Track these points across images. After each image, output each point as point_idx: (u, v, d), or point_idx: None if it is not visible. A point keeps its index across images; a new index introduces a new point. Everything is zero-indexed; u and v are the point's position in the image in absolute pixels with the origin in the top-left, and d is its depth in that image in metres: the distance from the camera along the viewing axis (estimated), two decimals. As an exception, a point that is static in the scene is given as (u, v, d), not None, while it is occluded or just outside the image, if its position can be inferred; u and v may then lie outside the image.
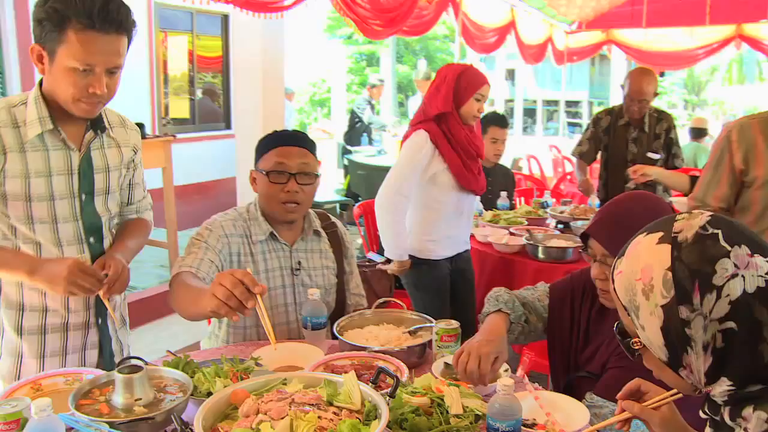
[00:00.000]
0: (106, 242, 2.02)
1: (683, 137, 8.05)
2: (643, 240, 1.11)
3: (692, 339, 1.04)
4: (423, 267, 3.28)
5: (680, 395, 1.37)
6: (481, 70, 3.30)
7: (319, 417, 1.32)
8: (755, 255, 1.02)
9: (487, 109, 4.82)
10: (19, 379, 1.88)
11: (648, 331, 1.08)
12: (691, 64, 10.97)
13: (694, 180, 3.62)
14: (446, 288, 3.33)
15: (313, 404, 1.37)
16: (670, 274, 1.04)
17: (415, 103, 8.83)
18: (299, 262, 2.32)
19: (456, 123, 3.17)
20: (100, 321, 2.01)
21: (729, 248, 1.02)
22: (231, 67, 7.95)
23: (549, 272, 3.33)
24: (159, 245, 4.95)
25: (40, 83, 1.85)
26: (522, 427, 1.53)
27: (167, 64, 7.56)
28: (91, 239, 1.96)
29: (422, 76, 8.49)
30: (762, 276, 1.01)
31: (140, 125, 2.58)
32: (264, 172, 2.24)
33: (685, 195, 3.75)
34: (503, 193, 4.39)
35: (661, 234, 1.08)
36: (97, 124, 1.94)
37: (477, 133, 3.36)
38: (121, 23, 1.75)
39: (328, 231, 2.45)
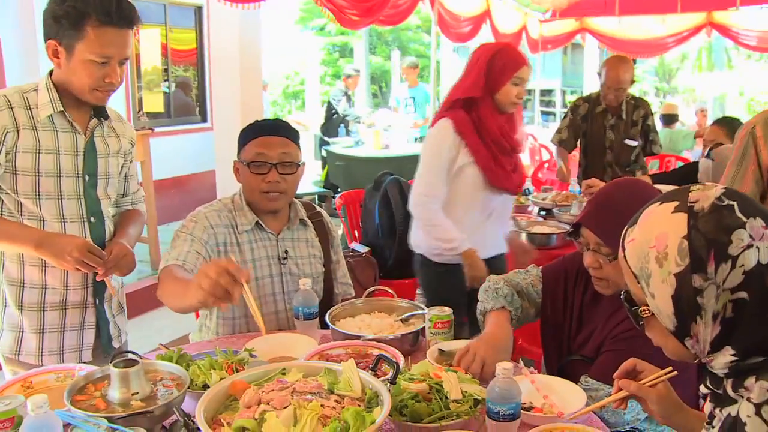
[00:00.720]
0: (107, 223, 2.12)
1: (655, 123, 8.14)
2: (657, 209, 1.11)
3: (703, 308, 1.04)
4: (439, 273, 2.93)
5: (675, 373, 1.40)
6: (520, 51, 2.93)
7: (321, 405, 1.31)
8: None
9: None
10: (20, 353, 2.03)
11: (658, 299, 1.09)
12: (662, 51, 11.06)
13: (656, 179, 3.64)
14: (464, 301, 2.77)
15: (314, 393, 1.36)
16: (686, 242, 1.04)
17: (401, 92, 8.78)
18: (286, 251, 2.31)
19: (489, 110, 2.79)
20: (97, 302, 2.10)
21: (745, 219, 1.03)
22: (206, 60, 7.86)
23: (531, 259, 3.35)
24: (138, 240, 4.90)
25: (50, 73, 2.00)
26: (520, 410, 1.55)
27: (140, 58, 7.45)
28: (92, 218, 2.07)
29: (408, 64, 8.47)
30: None
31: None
32: (245, 163, 2.22)
33: None
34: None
35: (676, 203, 1.08)
36: (101, 113, 2.08)
37: (516, 123, 2.95)
38: (132, 19, 1.94)
39: (313, 220, 2.44)
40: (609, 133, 4.53)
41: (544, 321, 2.10)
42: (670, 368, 1.39)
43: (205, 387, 1.57)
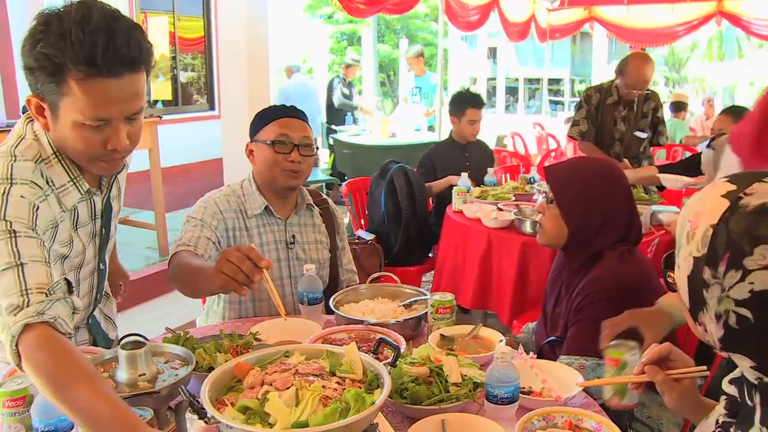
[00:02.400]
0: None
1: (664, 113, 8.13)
2: (718, 185, 1.03)
3: (707, 303, 1.01)
4: None
5: (707, 374, 1.34)
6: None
7: (323, 386, 1.34)
8: None
9: (476, 91, 4.85)
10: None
11: (680, 272, 1.06)
12: (672, 40, 10.99)
13: (663, 170, 3.64)
14: None
15: (316, 374, 1.39)
16: (711, 231, 0.98)
17: (406, 80, 8.76)
18: (293, 236, 2.35)
19: None
20: (90, 321, 1.92)
21: None
22: (214, 48, 7.88)
23: (537, 246, 3.36)
24: (147, 227, 4.95)
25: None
26: (519, 394, 1.58)
27: (148, 46, 7.47)
28: (101, 265, 1.85)
29: (413, 54, 8.44)
30: None
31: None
32: (268, 142, 2.25)
33: (658, 187, 3.75)
34: (490, 170, 4.42)
35: (733, 188, 1.00)
36: None
37: None
38: (134, 59, 1.43)
39: (320, 207, 2.47)
40: (620, 124, 4.53)
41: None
42: (705, 367, 1.32)
43: (210, 369, 1.60)
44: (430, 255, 4.54)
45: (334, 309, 2.11)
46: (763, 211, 0.94)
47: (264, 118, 2.30)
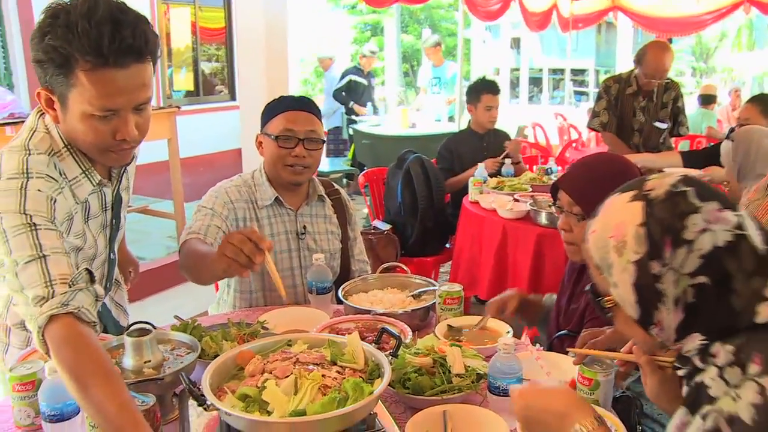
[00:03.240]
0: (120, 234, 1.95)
1: (691, 104, 8.01)
2: (616, 199, 1.13)
3: (663, 294, 1.05)
4: None
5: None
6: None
7: (323, 375, 1.35)
8: (724, 210, 1.04)
9: (492, 78, 4.82)
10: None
11: (620, 287, 1.10)
12: (698, 29, 10.77)
13: (685, 156, 3.59)
14: None
15: (317, 364, 1.40)
16: (642, 229, 1.05)
17: (425, 72, 8.70)
18: (304, 227, 2.36)
19: None
20: (100, 309, 1.92)
21: (699, 204, 1.04)
22: (235, 38, 7.91)
23: (552, 237, 3.35)
24: (166, 216, 4.99)
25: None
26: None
27: (170, 37, 7.52)
28: (112, 255, 1.88)
29: (430, 44, 8.39)
30: (730, 230, 1.03)
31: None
32: (273, 137, 2.25)
33: None
34: (507, 161, 4.39)
35: (634, 192, 1.10)
36: None
37: None
38: (140, 50, 1.44)
39: (332, 198, 2.47)
40: (639, 115, 4.48)
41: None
42: None
43: (217, 357, 1.62)
44: (447, 245, 4.52)
45: (342, 299, 2.11)
46: (673, 193, 1.06)
47: (272, 110, 2.30)
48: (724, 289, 1.03)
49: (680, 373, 1.17)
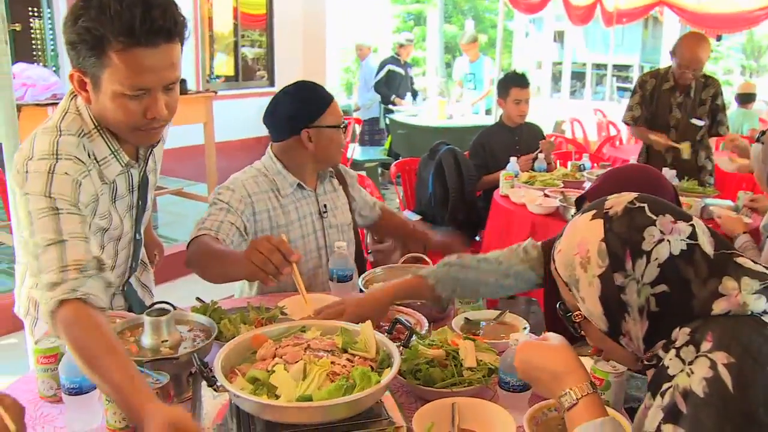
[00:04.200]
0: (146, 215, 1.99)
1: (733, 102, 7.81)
2: (579, 219, 1.19)
3: (628, 304, 1.11)
4: None
5: None
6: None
7: (332, 363, 1.36)
8: (678, 221, 1.11)
9: (534, 72, 4.76)
10: None
11: (588, 302, 1.15)
12: (751, 26, 10.44)
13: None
14: None
15: (327, 350, 1.41)
16: (603, 244, 1.12)
17: (460, 66, 8.65)
18: (325, 205, 2.41)
19: None
20: (126, 288, 1.99)
21: (654, 217, 1.11)
22: (275, 24, 7.96)
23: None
24: (200, 199, 5.08)
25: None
26: None
27: (212, 22, 7.60)
28: (138, 235, 1.92)
29: (467, 40, 8.32)
30: (684, 240, 1.09)
31: (182, 81, 2.61)
32: (339, 126, 2.34)
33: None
34: (540, 156, 4.36)
35: (594, 211, 1.17)
36: None
37: None
38: (170, 30, 1.49)
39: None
40: (675, 111, 4.39)
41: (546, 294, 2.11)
42: None
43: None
44: (477, 239, 4.51)
45: (362, 288, 2.13)
46: (630, 209, 1.13)
47: (325, 102, 2.32)
48: (683, 295, 1.08)
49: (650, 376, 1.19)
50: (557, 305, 1.27)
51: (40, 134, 1.60)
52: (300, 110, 2.30)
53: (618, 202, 1.15)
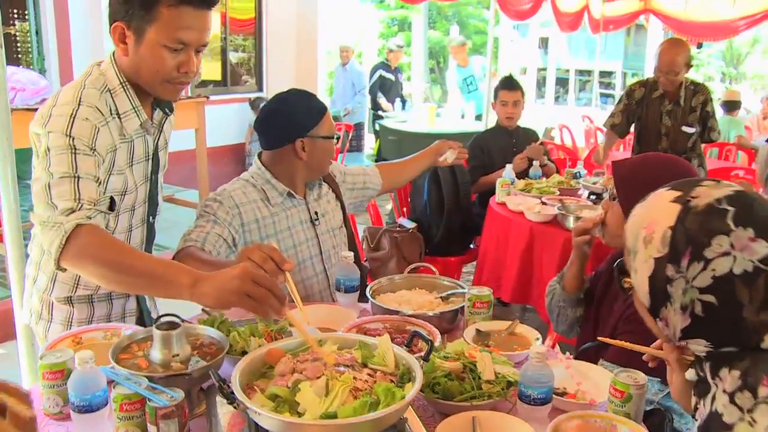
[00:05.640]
0: (158, 218, 2.03)
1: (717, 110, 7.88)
2: (663, 194, 1.15)
3: (671, 297, 1.09)
4: None
5: None
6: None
7: (354, 378, 1.33)
8: (759, 240, 1.04)
9: (519, 78, 4.78)
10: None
11: (638, 275, 1.15)
12: (731, 35, 10.58)
13: None
14: None
15: (348, 365, 1.38)
16: (670, 232, 1.08)
17: (452, 72, 8.66)
18: (316, 212, 2.38)
19: None
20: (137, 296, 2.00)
21: (733, 227, 1.04)
22: (264, 30, 7.91)
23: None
24: (191, 206, 5.01)
25: (113, 55, 1.76)
26: (553, 395, 1.54)
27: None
28: (151, 218, 1.97)
29: (456, 43, 8.34)
30: (753, 261, 1.03)
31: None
32: (332, 136, 2.32)
33: None
34: (535, 163, 4.35)
35: (679, 194, 1.12)
36: (165, 103, 1.90)
37: None
38: None
39: None
40: (665, 119, 4.42)
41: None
42: None
43: (244, 353, 1.61)
44: (471, 246, 4.49)
45: (370, 298, 2.09)
46: (712, 209, 1.07)
47: (320, 112, 2.29)
48: (731, 314, 1.05)
49: (688, 375, 1.21)
50: (617, 262, 1.28)
51: (66, 88, 1.73)
52: (295, 120, 2.27)
53: (706, 193, 1.10)
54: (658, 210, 1.13)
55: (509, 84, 4.50)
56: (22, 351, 2.55)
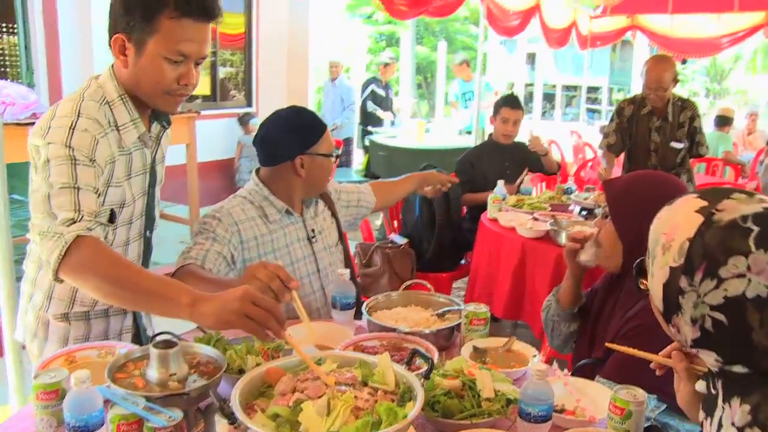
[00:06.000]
0: (155, 233, 2.02)
1: (707, 126, 7.98)
2: (689, 200, 1.11)
3: (683, 308, 1.07)
4: None
5: None
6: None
7: (355, 397, 1.32)
8: None
9: (505, 93, 4.82)
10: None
11: (654, 280, 1.13)
12: (715, 52, 10.76)
13: None
14: None
15: (349, 384, 1.37)
16: (688, 244, 1.06)
17: (456, 88, 8.78)
18: (313, 230, 2.37)
19: None
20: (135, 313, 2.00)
21: (754, 249, 1.00)
22: (253, 44, 7.91)
23: (572, 259, 3.32)
24: (181, 221, 4.99)
25: (111, 68, 1.77)
26: (552, 413, 1.54)
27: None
28: (148, 232, 1.97)
29: (458, 62, 8.51)
30: None
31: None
32: (331, 154, 2.33)
33: None
34: (526, 178, 4.38)
35: (704, 204, 1.08)
36: (163, 117, 1.91)
37: None
38: (214, 11, 1.70)
39: None
40: (654, 135, 4.46)
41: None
42: None
43: (241, 372, 1.60)
44: (463, 261, 4.50)
45: (367, 315, 2.08)
46: (735, 226, 1.02)
47: (320, 129, 2.29)
48: (740, 336, 1.02)
49: (698, 387, 1.21)
50: (638, 261, 1.27)
51: (64, 102, 1.73)
52: (295, 137, 2.26)
53: (733, 208, 1.04)
54: (681, 218, 1.09)
55: (513, 102, 4.59)
56: (10, 369, 2.52)
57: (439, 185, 2.80)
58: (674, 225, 1.09)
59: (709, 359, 1.10)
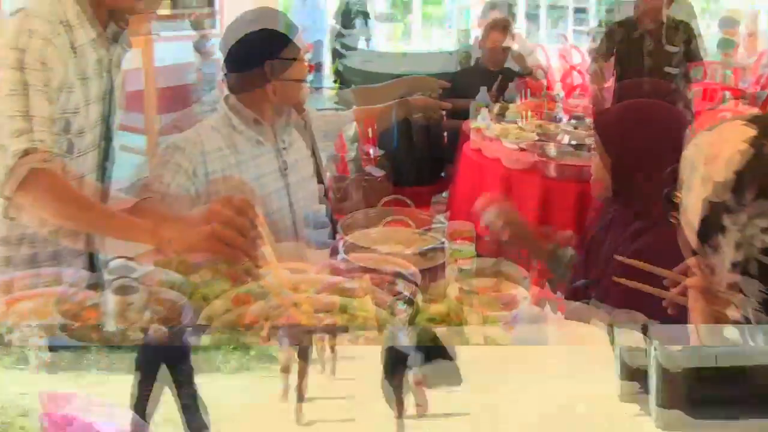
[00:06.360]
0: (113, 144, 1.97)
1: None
2: (735, 123, 1.06)
3: (727, 229, 1.01)
4: None
5: None
6: None
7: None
8: None
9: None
10: None
11: (692, 194, 1.06)
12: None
13: None
14: None
15: (326, 311, 1.40)
16: (738, 157, 0.99)
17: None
18: (285, 161, 2.29)
19: None
20: None
21: None
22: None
23: (561, 191, 3.31)
24: (137, 152, 4.90)
25: None
26: None
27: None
28: (103, 143, 1.89)
29: None
30: None
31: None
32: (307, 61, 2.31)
33: None
34: (511, 85, 4.38)
35: (753, 133, 1.01)
36: (120, 17, 1.82)
37: None
38: None
39: None
40: (647, 59, 4.43)
41: None
42: None
43: (205, 299, 1.53)
44: (443, 175, 4.48)
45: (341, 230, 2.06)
46: None
47: (291, 32, 2.23)
48: None
49: (730, 313, 1.10)
50: (666, 191, 1.19)
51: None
52: (264, 40, 2.19)
53: None
54: (730, 133, 1.04)
55: (504, 26, 4.57)
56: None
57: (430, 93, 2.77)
58: (721, 139, 1.04)
59: (752, 288, 1.03)
